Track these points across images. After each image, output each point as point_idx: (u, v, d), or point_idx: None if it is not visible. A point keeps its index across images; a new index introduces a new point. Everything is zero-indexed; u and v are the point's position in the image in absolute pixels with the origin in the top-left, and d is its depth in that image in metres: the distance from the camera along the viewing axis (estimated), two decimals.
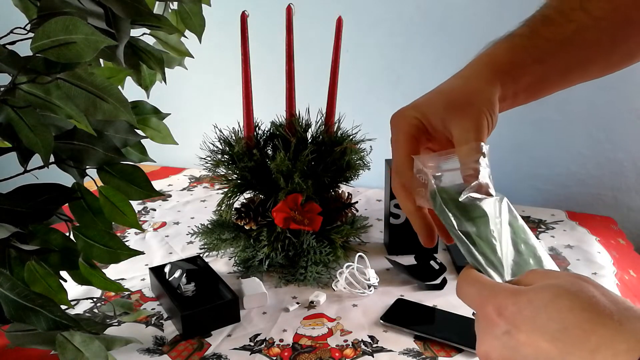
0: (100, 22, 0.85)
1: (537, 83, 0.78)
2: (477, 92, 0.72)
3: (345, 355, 1.08)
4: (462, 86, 0.74)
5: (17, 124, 0.81)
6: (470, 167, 0.68)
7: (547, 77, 0.78)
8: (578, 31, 0.74)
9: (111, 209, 0.95)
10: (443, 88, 0.76)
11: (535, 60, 0.75)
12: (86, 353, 0.87)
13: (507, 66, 0.74)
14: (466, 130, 0.69)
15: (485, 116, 0.70)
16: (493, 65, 0.75)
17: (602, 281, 1.30)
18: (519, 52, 0.75)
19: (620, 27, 0.76)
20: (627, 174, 1.77)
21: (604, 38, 0.75)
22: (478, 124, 0.70)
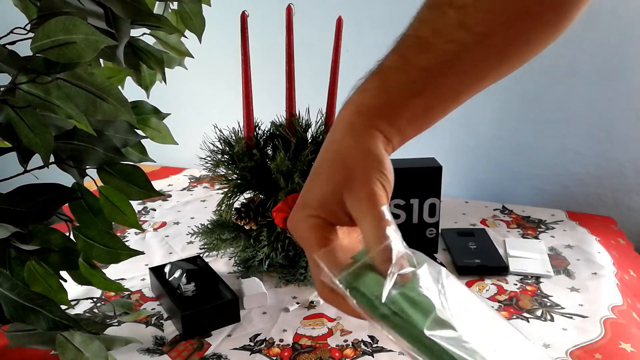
0: (100, 22, 0.85)
1: (421, 115, 0.68)
2: (356, 156, 0.64)
3: (345, 355, 1.08)
4: (339, 156, 0.65)
5: (17, 124, 0.81)
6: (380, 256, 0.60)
7: (430, 107, 0.68)
8: (458, 53, 0.64)
9: (111, 209, 0.95)
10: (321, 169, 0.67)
11: (411, 95, 0.66)
12: (86, 353, 0.87)
13: (379, 110, 0.66)
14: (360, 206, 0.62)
15: (375, 178, 0.62)
16: (364, 115, 0.66)
17: (602, 281, 1.31)
18: (390, 90, 0.66)
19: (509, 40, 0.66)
20: (627, 174, 1.78)
21: (490, 54, 0.66)
22: (370, 193, 0.62)
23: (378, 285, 0.59)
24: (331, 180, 0.64)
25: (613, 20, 1.66)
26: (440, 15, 0.65)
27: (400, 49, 0.67)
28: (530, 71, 1.77)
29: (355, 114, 0.66)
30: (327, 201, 0.64)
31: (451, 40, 0.64)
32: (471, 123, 1.90)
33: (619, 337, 1.11)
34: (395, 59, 0.66)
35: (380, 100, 0.65)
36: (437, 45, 0.64)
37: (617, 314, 1.18)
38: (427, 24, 0.66)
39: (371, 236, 0.60)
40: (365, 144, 0.64)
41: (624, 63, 1.69)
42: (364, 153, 0.63)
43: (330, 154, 0.66)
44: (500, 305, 1.22)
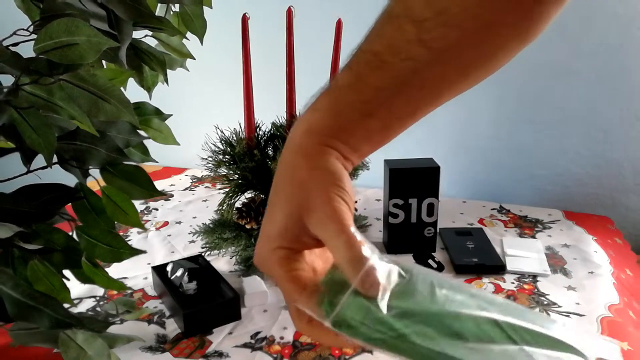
0: (102, 24, 0.85)
1: (377, 133, 0.65)
2: (310, 175, 0.61)
3: (344, 352, 1.08)
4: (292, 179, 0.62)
5: (20, 124, 0.81)
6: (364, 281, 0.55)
7: (385, 125, 0.65)
8: (416, 71, 0.61)
9: (114, 208, 0.95)
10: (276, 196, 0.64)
11: (364, 115, 0.63)
12: (89, 351, 0.88)
13: (330, 130, 0.63)
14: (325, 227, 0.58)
15: (334, 194, 0.59)
16: (315, 134, 0.63)
17: (599, 280, 1.32)
18: (342, 111, 0.63)
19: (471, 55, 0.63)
20: (625, 174, 1.78)
21: (450, 71, 0.63)
22: (332, 211, 0.58)
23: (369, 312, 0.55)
24: (288, 205, 0.61)
25: (612, 20, 1.66)
26: (397, 30, 0.61)
27: (354, 65, 0.64)
28: (528, 71, 1.78)
29: (305, 133, 0.64)
30: (288, 228, 0.61)
31: (408, 57, 0.61)
32: (469, 123, 1.90)
33: (615, 335, 1.11)
34: (348, 76, 0.64)
35: (332, 121, 0.63)
36: (393, 64, 0.61)
37: (613, 313, 1.19)
38: (383, 39, 0.63)
39: (347, 261, 0.56)
40: (319, 162, 0.61)
41: (623, 63, 1.69)
42: (318, 171, 0.61)
43: (283, 178, 0.63)
44: None
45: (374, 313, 0.55)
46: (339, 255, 0.57)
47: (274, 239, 0.62)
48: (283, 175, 0.63)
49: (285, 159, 0.64)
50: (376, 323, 0.54)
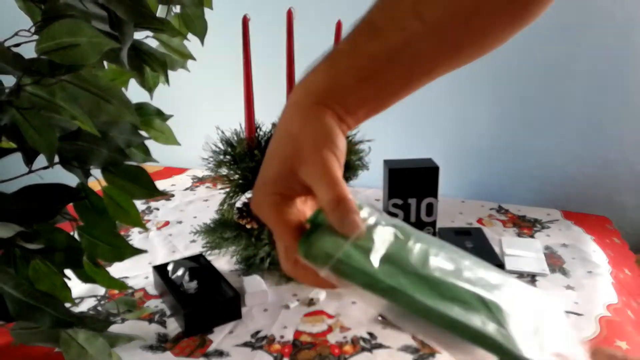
0: (104, 25, 0.86)
1: (372, 99, 0.69)
2: (305, 130, 0.65)
3: (344, 351, 1.09)
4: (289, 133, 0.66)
5: (22, 125, 0.82)
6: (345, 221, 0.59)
7: (380, 92, 0.68)
8: (409, 42, 0.65)
9: (115, 208, 0.95)
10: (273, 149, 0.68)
11: (359, 80, 0.66)
12: (90, 350, 0.88)
13: (328, 92, 0.66)
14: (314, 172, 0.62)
15: (326, 147, 0.63)
16: (312, 94, 0.67)
17: (598, 280, 1.33)
18: (339, 74, 0.67)
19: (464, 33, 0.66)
20: (622, 174, 1.78)
21: (443, 46, 0.66)
22: (322, 160, 0.62)
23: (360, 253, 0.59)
24: (282, 155, 0.66)
25: (609, 21, 1.67)
26: (395, 2, 0.65)
27: (353, 33, 0.67)
28: (526, 72, 1.79)
29: (303, 94, 0.67)
30: (281, 176, 0.65)
31: (403, 28, 0.64)
32: (468, 124, 1.91)
33: (614, 335, 1.12)
34: (346, 43, 0.67)
35: (328, 83, 0.66)
36: (388, 33, 0.65)
37: (612, 312, 1.19)
38: (381, 10, 0.66)
39: (328, 200, 0.60)
40: (313, 118, 0.65)
41: (620, 64, 1.70)
42: (313, 126, 0.65)
43: (281, 132, 0.67)
44: None
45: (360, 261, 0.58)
46: (321, 195, 0.61)
47: (268, 184, 0.66)
48: (281, 131, 0.67)
49: (284, 115, 0.67)
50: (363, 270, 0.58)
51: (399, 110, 2.00)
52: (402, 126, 1.95)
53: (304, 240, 0.61)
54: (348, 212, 0.60)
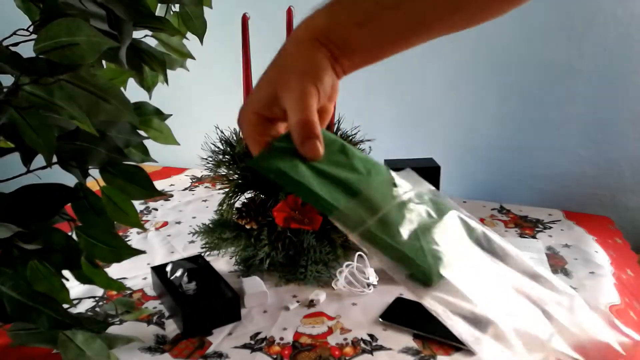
0: (102, 24, 0.85)
1: (369, 45, 0.73)
2: (295, 59, 0.71)
3: (344, 353, 1.08)
4: (284, 61, 0.72)
5: (20, 124, 0.81)
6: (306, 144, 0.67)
7: (377, 37, 0.72)
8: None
9: (113, 208, 0.95)
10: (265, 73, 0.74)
11: (358, 22, 0.70)
12: (88, 352, 0.88)
13: (326, 31, 0.71)
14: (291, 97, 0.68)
15: (309, 79, 0.68)
16: (311, 30, 0.71)
17: (600, 280, 1.32)
18: (337, 15, 0.71)
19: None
20: (624, 174, 1.78)
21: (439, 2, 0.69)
22: (301, 90, 0.68)
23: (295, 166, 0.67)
24: (271, 79, 0.71)
25: (612, 21, 1.66)
26: None
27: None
28: (528, 72, 1.78)
29: (303, 29, 0.71)
30: (265, 97, 0.70)
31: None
32: (469, 124, 1.90)
33: None
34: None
35: (329, 21, 0.70)
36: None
37: (614, 313, 1.18)
38: None
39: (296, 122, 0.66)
40: (307, 51, 0.70)
41: (622, 64, 1.69)
42: (304, 58, 0.70)
43: (275, 60, 0.72)
44: None
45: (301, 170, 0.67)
46: (291, 117, 0.67)
47: (252, 103, 0.72)
48: (276, 57, 0.73)
49: (283, 45, 0.73)
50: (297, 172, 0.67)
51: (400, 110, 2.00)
52: (403, 126, 1.95)
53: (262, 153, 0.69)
54: (310, 135, 0.67)
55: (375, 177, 0.70)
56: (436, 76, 1.89)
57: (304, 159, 0.68)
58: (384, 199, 0.67)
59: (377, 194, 0.67)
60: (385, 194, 0.68)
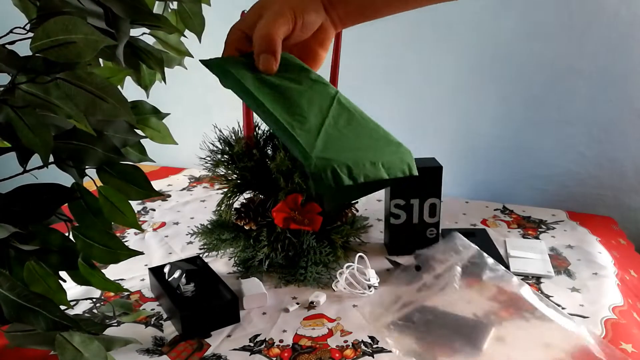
0: (99, 21, 0.85)
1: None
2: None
3: (345, 355, 1.08)
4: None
5: (16, 123, 0.81)
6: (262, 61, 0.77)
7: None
8: None
9: (111, 209, 0.94)
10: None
11: None
12: (85, 353, 0.87)
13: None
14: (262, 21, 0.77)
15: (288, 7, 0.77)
16: None
17: (604, 281, 1.31)
18: None
19: None
20: (628, 174, 1.77)
21: None
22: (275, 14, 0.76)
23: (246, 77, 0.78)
24: (262, 3, 0.79)
25: (614, 20, 1.66)
26: None
27: None
28: (531, 71, 1.78)
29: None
30: (251, 17, 0.79)
31: None
32: (471, 123, 1.90)
33: (619, 337, 1.11)
34: None
35: None
36: None
37: (617, 315, 1.18)
38: None
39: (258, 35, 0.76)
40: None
41: (625, 63, 1.69)
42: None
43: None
44: (500, 306, 1.21)
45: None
46: (256, 31, 0.77)
47: (241, 21, 0.81)
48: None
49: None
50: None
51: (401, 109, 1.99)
52: (405, 125, 1.94)
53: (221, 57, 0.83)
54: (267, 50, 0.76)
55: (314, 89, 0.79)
56: (438, 76, 1.89)
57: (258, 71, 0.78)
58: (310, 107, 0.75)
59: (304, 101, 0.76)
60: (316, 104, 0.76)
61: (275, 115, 0.73)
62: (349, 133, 0.73)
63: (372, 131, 0.76)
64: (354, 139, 0.73)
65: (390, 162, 0.71)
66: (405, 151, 0.74)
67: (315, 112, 0.75)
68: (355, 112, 0.78)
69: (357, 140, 0.73)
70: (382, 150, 0.72)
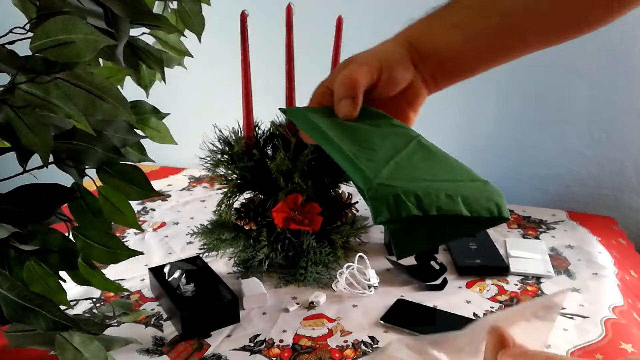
0: (99, 21, 0.85)
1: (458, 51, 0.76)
2: (375, 48, 0.77)
3: (345, 355, 1.08)
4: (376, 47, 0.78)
5: (16, 123, 0.81)
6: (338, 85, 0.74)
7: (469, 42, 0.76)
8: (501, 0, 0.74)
9: (110, 209, 0.94)
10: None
11: (449, 26, 0.75)
12: (85, 353, 0.87)
13: (417, 34, 0.76)
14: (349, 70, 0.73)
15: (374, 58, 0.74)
16: (403, 34, 0.77)
17: (604, 281, 1.31)
18: (432, 22, 0.77)
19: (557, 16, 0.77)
20: (628, 174, 1.77)
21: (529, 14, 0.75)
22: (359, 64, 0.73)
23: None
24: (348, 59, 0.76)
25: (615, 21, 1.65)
26: None
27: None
28: (531, 71, 1.78)
29: (398, 34, 0.78)
30: (337, 72, 0.75)
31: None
32: (471, 123, 1.90)
33: (619, 337, 1.11)
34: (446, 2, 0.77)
35: (422, 28, 0.77)
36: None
37: (617, 315, 1.18)
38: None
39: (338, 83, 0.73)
40: (389, 43, 0.77)
41: (625, 64, 1.68)
42: (383, 46, 0.77)
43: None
44: (500, 306, 1.22)
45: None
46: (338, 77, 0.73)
47: (327, 78, 0.79)
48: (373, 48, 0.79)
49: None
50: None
51: None
52: None
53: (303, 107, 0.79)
54: (347, 94, 0.72)
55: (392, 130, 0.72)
56: None
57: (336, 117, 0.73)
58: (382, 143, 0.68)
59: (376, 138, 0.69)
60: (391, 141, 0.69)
61: (342, 147, 0.66)
62: (423, 166, 0.64)
63: (454, 167, 0.68)
64: (428, 171, 0.64)
65: (472, 197, 0.61)
66: (494, 190, 0.65)
67: (388, 147, 0.67)
68: (437, 151, 0.70)
69: (432, 173, 0.64)
70: (464, 186, 0.64)
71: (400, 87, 0.76)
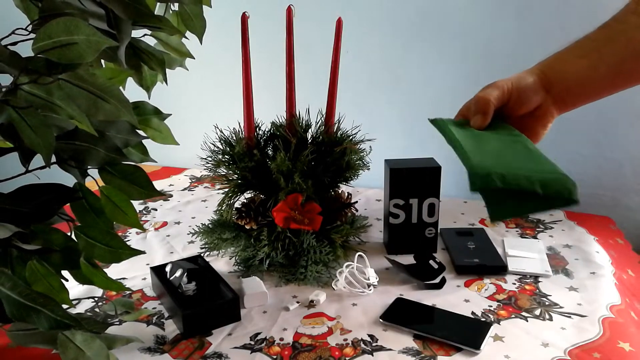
0: (101, 23, 0.85)
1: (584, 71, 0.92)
2: (515, 76, 0.95)
3: (345, 354, 1.08)
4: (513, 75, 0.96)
5: (18, 124, 0.81)
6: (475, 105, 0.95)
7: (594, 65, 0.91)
8: (624, 31, 0.88)
9: (112, 208, 0.95)
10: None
11: (577, 56, 0.91)
12: (87, 352, 0.87)
13: (549, 63, 0.94)
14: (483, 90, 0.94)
15: (506, 82, 0.93)
16: (537, 65, 0.95)
17: (601, 281, 1.31)
18: (563, 52, 0.94)
19: None
20: (626, 174, 1.78)
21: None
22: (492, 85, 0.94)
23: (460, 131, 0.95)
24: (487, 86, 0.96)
25: None
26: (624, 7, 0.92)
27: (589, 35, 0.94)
28: None
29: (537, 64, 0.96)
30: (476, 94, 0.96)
31: (623, 22, 0.90)
32: None
33: (617, 336, 1.11)
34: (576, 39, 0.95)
35: (553, 58, 0.95)
36: (611, 25, 0.92)
37: (615, 314, 1.18)
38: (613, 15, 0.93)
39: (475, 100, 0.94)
40: (523, 76, 0.94)
41: None
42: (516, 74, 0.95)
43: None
44: (499, 305, 1.22)
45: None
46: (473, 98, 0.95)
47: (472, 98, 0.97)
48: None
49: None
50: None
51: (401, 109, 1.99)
52: (404, 125, 1.94)
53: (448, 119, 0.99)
54: (478, 110, 0.93)
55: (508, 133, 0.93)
56: (437, 77, 1.89)
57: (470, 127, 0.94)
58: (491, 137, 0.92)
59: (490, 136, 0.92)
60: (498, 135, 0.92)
61: (463, 146, 0.87)
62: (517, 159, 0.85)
63: (542, 162, 0.86)
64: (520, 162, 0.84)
65: (547, 181, 0.81)
66: (569, 180, 0.82)
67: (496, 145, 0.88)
68: (533, 149, 0.88)
69: (522, 164, 0.84)
70: (543, 173, 0.82)
71: (530, 107, 0.94)
